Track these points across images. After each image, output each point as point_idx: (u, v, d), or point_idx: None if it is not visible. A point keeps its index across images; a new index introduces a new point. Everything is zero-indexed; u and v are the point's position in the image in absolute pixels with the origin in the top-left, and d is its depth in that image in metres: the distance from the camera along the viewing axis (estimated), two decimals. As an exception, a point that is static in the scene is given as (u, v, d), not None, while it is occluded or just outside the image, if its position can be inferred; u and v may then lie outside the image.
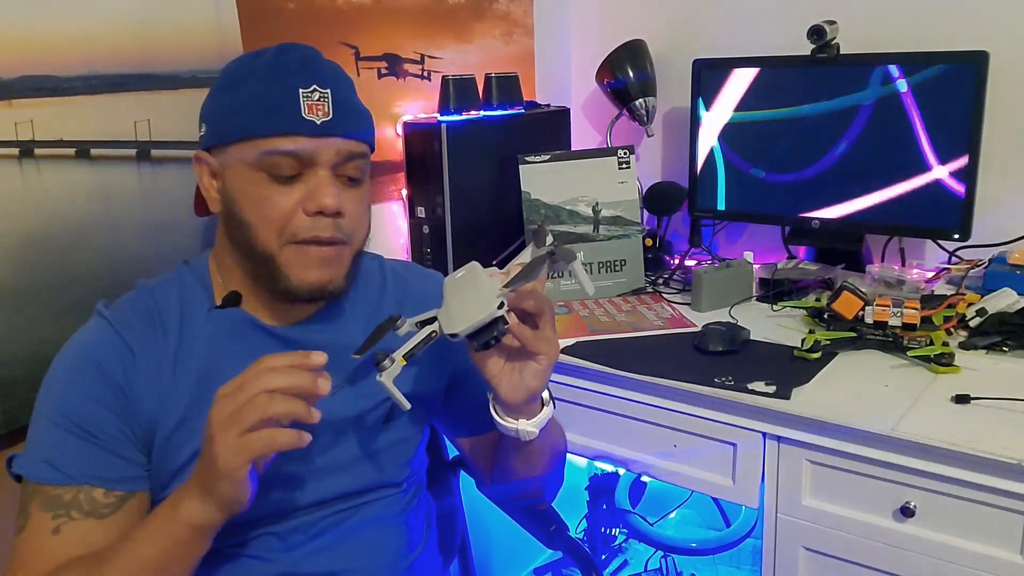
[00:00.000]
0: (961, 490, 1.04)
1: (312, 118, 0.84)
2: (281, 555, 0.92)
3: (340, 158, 0.87)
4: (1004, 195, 1.54)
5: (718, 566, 1.80)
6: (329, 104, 0.85)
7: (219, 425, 0.73)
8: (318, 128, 0.84)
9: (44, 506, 0.83)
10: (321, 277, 0.88)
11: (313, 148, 0.85)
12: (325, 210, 0.85)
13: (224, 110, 0.88)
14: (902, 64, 1.48)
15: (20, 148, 1.11)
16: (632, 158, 1.65)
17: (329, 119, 0.85)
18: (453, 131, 1.54)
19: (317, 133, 0.84)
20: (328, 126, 0.85)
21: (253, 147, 0.85)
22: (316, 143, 0.85)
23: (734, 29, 1.80)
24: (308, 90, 0.84)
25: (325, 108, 0.85)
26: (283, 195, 0.85)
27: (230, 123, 0.86)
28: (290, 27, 1.42)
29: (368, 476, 0.96)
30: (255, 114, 0.85)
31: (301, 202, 0.85)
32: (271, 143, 0.84)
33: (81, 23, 1.15)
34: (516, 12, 1.90)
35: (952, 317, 1.31)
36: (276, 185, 0.85)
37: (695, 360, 1.30)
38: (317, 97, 0.85)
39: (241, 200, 0.87)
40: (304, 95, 0.84)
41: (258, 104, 0.85)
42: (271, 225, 0.85)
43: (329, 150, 0.86)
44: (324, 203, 0.85)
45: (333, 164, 0.86)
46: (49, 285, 1.13)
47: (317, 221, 0.86)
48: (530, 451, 0.97)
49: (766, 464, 1.20)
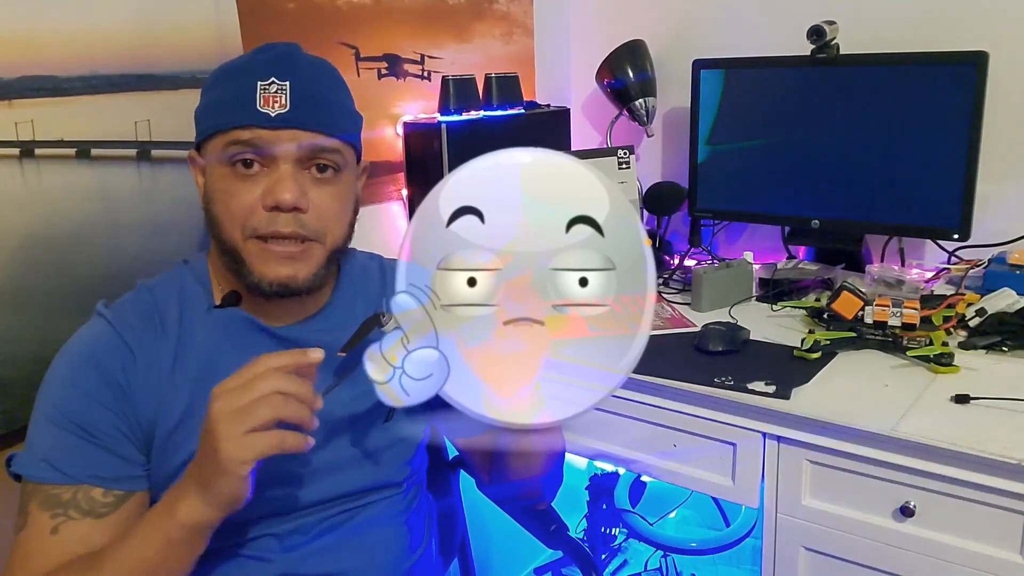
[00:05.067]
0: (961, 490, 1.04)
1: (267, 110, 0.84)
2: (280, 556, 0.92)
3: (303, 152, 0.86)
4: (1004, 195, 1.54)
5: (718, 566, 1.80)
6: (286, 96, 0.85)
7: (225, 420, 0.72)
8: (273, 120, 0.84)
9: (43, 506, 0.83)
10: (283, 273, 0.87)
11: (270, 139, 0.84)
12: (281, 205, 0.84)
13: (202, 108, 0.90)
14: (902, 64, 1.48)
15: (20, 148, 1.11)
16: (632, 158, 1.65)
17: (285, 111, 0.84)
18: (453, 131, 1.54)
19: (272, 125, 0.84)
20: (284, 118, 0.84)
21: (220, 141, 0.86)
22: (273, 135, 0.84)
23: (734, 29, 1.80)
24: (266, 82, 0.85)
25: (282, 100, 0.84)
26: (246, 190, 0.85)
27: (203, 119, 0.89)
28: (290, 27, 1.42)
29: (368, 476, 0.96)
30: (220, 108, 0.86)
31: (261, 197, 0.85)
32: (232, 135, 0.85)
33: (81, 23, 1.15)
34: (516, 12, 1.90)
35: (952, 317, 1.31)
36: (240, 180, 0.85)
37: (695, 360, 1.30)
38: (275, 89, 0.85)
39: (213, 195, 0.88)
40: (261, 87, 0.84)
41: (223, 101, 0.86)
42: (234, 219, 0.86)
43: (289, 145, 0.85)
44: (280, 198, 0.84)
45: (296, 158, 0.86)
46: (49, 285, 1.13)
47: (276, 216, 0.85)
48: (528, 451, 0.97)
49: (766, 464, 1.20)
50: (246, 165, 0.85)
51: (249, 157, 0.85)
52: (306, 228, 0.87)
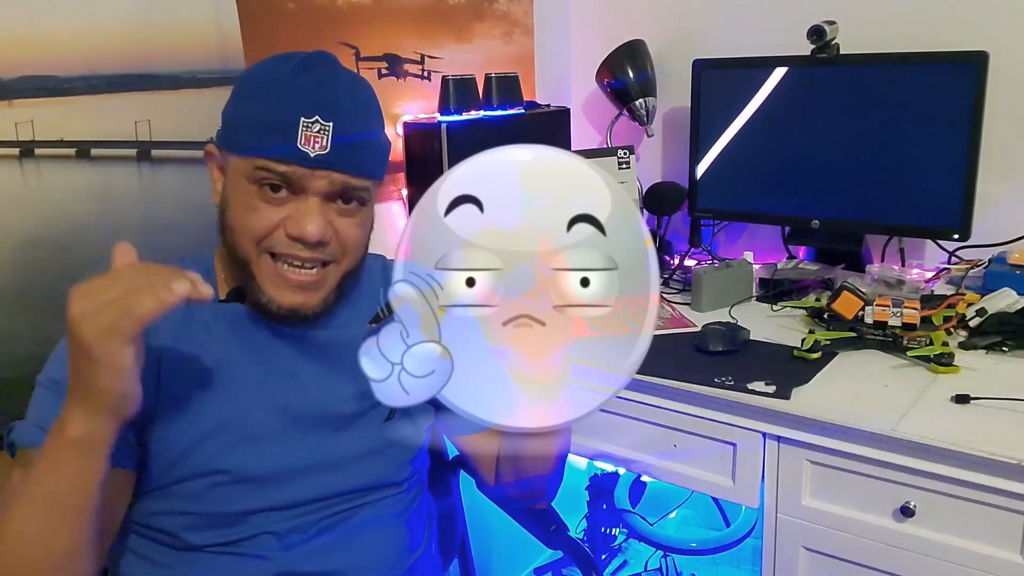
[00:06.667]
0: (961, 490, 1.04)
1: (307, 150, 0.83)
2: (279, 554, 0.92)
3: (333, 189, 0.86)
4: (1004, 195, 1.54)
5: (718, 566, 1.80)
6: (328, 138, 0.83)
7: (84, 314, 0.68)
8: (311, 161, 0.83)
9: (26, 467, 0.82)
10: (296, 301, 0.87)
11: (304, 176, 0.84)
12: (306, 239, 0.84)
13: (235, 118, 0.88)
14: (902, 64, 1.48)
15: (20, 148, 1.11)
16: (632, 158, 1.65)
17: (325, 152, 0.83)
18: (453, 131, 1.53)
19: (310, 165, 0.83)
20: (321, 159, 0.83)
21: (250, 161, 0.85)
22: (308, 172, 0.84)
23: (734, 29, 1.80)
24: (310, 120, 0.83)
25: (323, 142, 0.83)
26: (270, 211, 0.85)
27: (234, 133, 0.87)
28: (290, 27, 1.42)
29: (368, 474, 0.96)
30: (255, 132, 0.84)
31: (284, 222, 0.85)
32: (265, 163, 0.84)
33: (81, 23, 1.15)
34: (516, 12, 1.90)
35: (952, 317, 1.31)
36: (265, 200, 0.85)
37: (695, 360, 1.30)
38: (317, 129, 0.83)
39: (233, 204, 0.87)
40: (304, 124, 0.83)
41: (261, 123, 0.84)
42: (251, 235, 0.86)
43: (321, 181, 0.85)
44: (306, 231, 0.84)
45: (326, 193, 0.86)
46: (49, 285, 1.13)
47: (296, 243, 0.85)
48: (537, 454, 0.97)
49: (766, 464, 1.20)
50: (273, 189, 0.85)
51: (278, 183, 0.84)
52: (326, 254, 0.87)
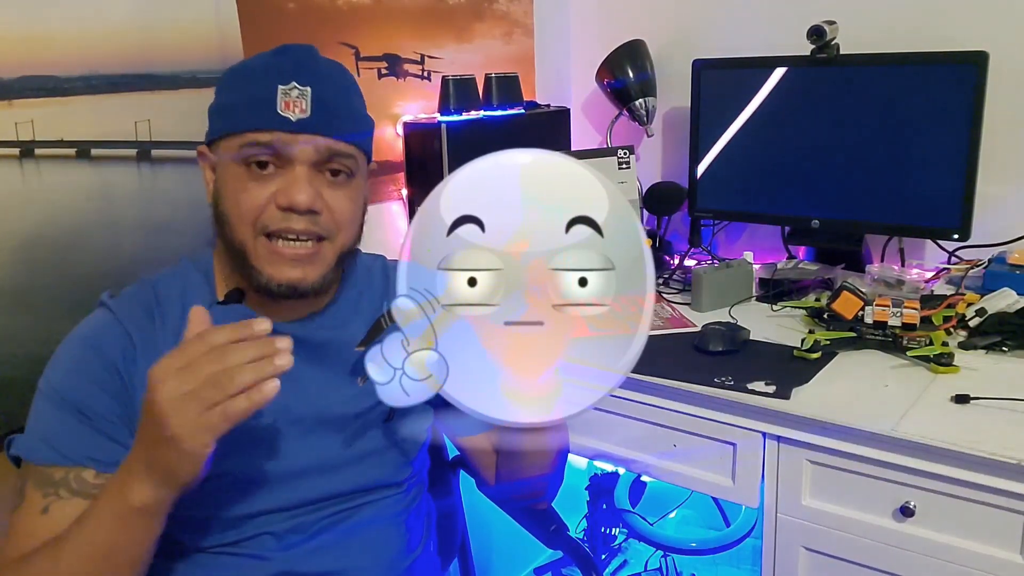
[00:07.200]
0: (961, 490, 1.04)
1: (287, 115, 0.85)
2: (278, 554, 0.92)
3: (319, 156, 0.87)
4: (1004, 195, 1.54)
5: (718, 566, 1.80)
6: (307, 102, 0.85)
7: (174, 406, 0.70)
8: (293, 125, 0.85)
9: (37, 485, 0.84)
10: (293, 275, 0.88)
11: (289, 142, 0.85)
12: (296, 206, 0.85)
13: (218, 107, 0.90)
14: (902, 64, 1.48)
15: (20, 148, 1.11)
16: (632, 158, 1.64)
17: (306, 116, 0.85)
18: (453, 131, 1.54)
19: (292, 129, 0.85)
20: (304, 123, 0.85)
21: (235, 141, 0.86)
22: (292, 138, 0.85)
23: (734, 29, 1.80)
24: (287, 87, 0.85)
25: (303, 105, 0.85)
26: (260, 188, 0.86)
27: (218, 119, 0.89)
28: (290, 27, 1.42)
29: (369, 475, 0.97)
30: (238, 110, 0.87)
31: (274, 195, 0.86)
32: (250, 137, 0.85)
33: (81, 23, 1.15)
34: (516, 12, 1.90)
35: (952, 317, 1.31)
36: (254, 179, 0.86)
37: (695, 360, 1.30)
38: (296, 94, 0.85)
39: (224, 192, 0.88)
40: (282, 91, 0.85)
41: (242, 102, 0.86)
42: (244, 217, 0.86)
43: (306, 147, 0.86)
44: (296, 199, 0.85)
45: (312, 161, 0.87)
46: (49, 285, 1.13)
47: (288, 215, 0.86)
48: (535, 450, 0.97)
49: (766, 464, 1.20)
50: (261, 166, 0.86)
51: (265, 158, 0.85)
52: (319, 226, 0.88)
